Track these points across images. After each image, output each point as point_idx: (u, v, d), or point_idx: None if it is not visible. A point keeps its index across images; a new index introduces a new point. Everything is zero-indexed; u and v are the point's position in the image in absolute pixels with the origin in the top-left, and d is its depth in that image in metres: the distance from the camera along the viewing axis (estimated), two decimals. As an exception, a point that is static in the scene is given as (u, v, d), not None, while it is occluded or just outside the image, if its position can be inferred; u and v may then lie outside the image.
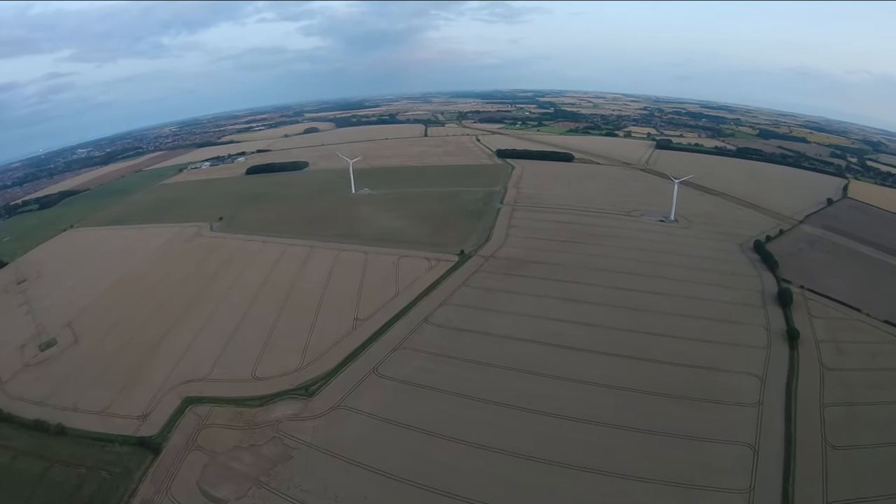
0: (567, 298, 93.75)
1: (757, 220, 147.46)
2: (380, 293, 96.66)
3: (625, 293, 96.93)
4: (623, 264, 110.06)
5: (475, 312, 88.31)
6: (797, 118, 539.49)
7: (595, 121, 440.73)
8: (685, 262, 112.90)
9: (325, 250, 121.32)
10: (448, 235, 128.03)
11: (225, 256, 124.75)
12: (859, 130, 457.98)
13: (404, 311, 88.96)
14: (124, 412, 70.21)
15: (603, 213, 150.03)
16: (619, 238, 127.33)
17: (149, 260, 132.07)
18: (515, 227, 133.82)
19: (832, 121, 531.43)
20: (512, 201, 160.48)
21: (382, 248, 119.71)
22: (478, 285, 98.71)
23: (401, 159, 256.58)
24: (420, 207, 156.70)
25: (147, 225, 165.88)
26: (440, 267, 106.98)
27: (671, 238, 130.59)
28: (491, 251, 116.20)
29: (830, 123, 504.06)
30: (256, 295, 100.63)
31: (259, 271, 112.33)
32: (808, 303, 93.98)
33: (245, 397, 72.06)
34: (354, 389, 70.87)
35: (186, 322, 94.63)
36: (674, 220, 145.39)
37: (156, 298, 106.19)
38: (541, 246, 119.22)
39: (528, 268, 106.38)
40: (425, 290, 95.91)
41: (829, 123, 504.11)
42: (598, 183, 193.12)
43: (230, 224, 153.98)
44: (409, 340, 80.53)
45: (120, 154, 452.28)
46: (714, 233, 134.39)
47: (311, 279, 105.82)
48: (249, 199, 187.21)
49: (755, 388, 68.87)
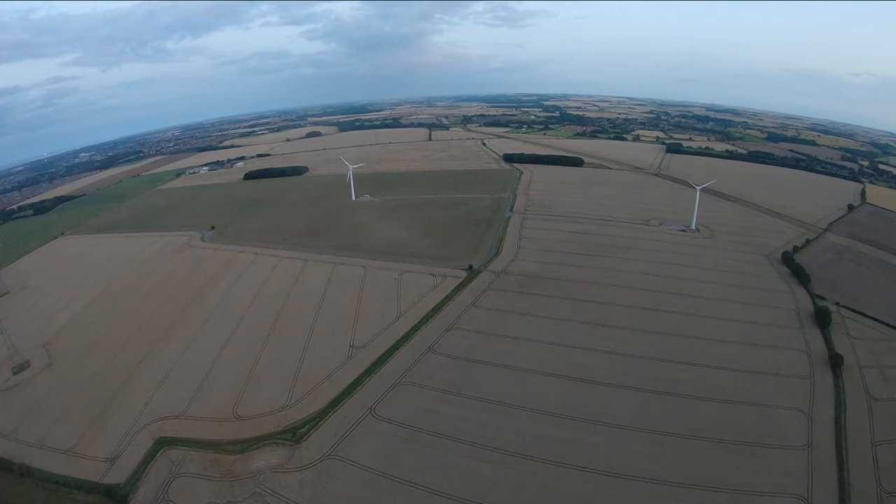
0: (588, 322, 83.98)
1: (780, 228, 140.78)
2: (379, 315, 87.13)
3: (651, 315, 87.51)
4: (647, 280, 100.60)
5: (486, 339, 78.53)
6: (803, 121, 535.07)
7: (602, 124, 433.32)
8: (713, 278, 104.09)
9: (321, 264, 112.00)
10: (455, 248, 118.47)
11: (213, 270, 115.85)
12: (865, 133, 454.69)
13: (406, 336, 79.26)
14: (93, 452, 64.03)
15: (620, 221, 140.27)
16: (639, 250, 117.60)
17: (135, 272, 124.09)
18: (527, 237, 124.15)
19: (837, 123, 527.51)
20: (522, 209, 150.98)
21: (383, 262, 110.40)
22: (489, 306, 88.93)
23: (404, 164, 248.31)
24: (424, 216, 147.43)
25: (138, 233, 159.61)
26: (447, 284, 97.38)
27: (695, 250, 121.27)
28: (502, 266, 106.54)
29: (836, 126, 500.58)
30: (243, 316, 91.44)
31: (248, 287, 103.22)
32: (846, 322, 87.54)
33: (224, 441, 63.13)
34: (348, 434, 61.26)
35: (167, 345, 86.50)
36: (695, 230, 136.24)
37: (137, 317, 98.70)
38: (556, 259, 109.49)
39: (543, 285, 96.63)
40: (430, 312, 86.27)
41: (834, 126, 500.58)
42: (611, 189, 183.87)
43: (222, 233, 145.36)
44: (412, 374, 70.77)
45: (121, 158, 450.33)
46: (739, 243, 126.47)
47: (304, 297, 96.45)
48: (245, 205, 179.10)
49: (802, 427, 61.69)
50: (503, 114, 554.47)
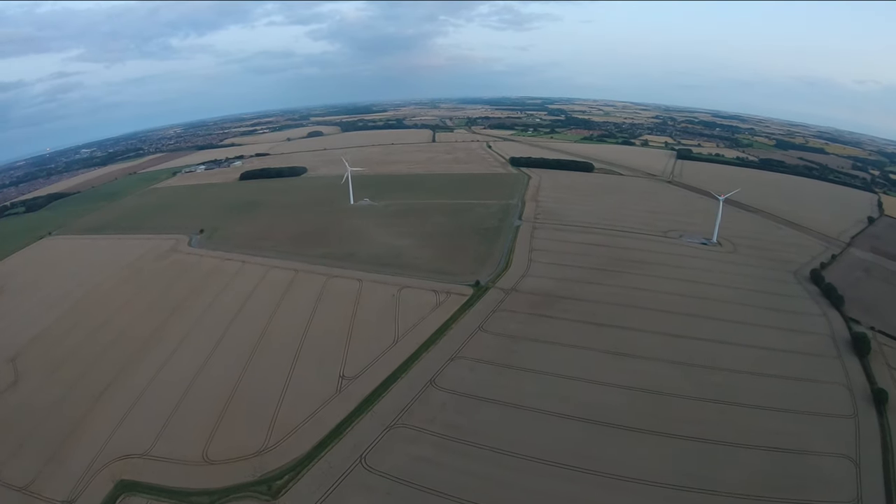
0: (611, 351, 74.63)
1: (802, 241, 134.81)
2: (374, 338, 77.71)
3: (679, 342, 78.67)
4: (671, 302, 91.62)
5: (495, 372, 69.04)
6: (809, 128, 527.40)
7: (609, 129, 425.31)
8: (741, 298, 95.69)
9: (313, 275, 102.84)
10: (459, 260, 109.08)
11: (197, 279, 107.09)
12: (871, 141, 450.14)
13: (405, 366, 69.71)
14: (49, 492, 57.29)
15: (637, 233, 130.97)
16: (661, 266, 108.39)
17: (115, 278, 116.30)
18: (539, 249, 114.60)
19: (843, 131, 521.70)
20: (531, 217, 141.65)
21: (380, 276, 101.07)
22: (498, 330, 79.36)
23: (407, 166, 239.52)
24: (426, 223, 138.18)
25: (125, 235, 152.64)
26: (451, 303, 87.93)
27: (719, 266, 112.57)
28: (512, 282, 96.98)
29: (842, 134, 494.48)
30: (223, 335, 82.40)
31: (232, 301, 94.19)
32: (884, 349, 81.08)
33: (191, 490, 54.59)
34: (333, 489, 52.06)
35: (138, 366, 78.54)
36: (717, 243, 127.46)
37: (112, 330, 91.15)
38: (571, 275, 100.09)
39: (558, 306, 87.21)
40: (432, 337, 76.70)
41: (840, 134, 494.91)
42: (624, 197, 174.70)
43: (210, 238, 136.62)
44: (410, 413, 61.37)
45: (121, 155, 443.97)
46: (763, 259, 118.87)
47: (291, 315, 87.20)
48: (237, 207, 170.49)
49: (850, 478, 55.01)
50: (508, 116, 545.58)
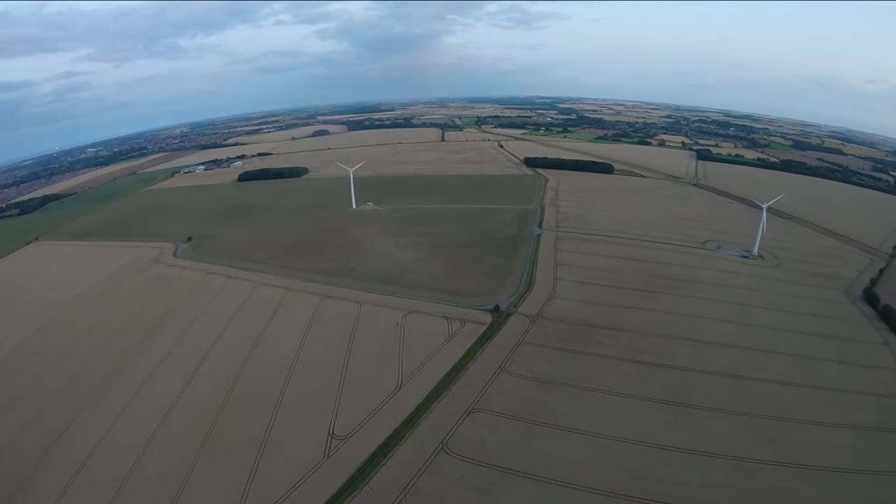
0: (662, 399, 60.29)
1: (845, 253, 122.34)
2: (373, 380, 63.79)
3: (740, 386, 64.69)
4: (723, 331, 77.48)
5: (521, 431, 54.78)
6: (821, 128, 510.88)
7: (622, 128, 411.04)
8: (797, 324, 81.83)
9: (305, 295, 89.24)
10: (475, 277, 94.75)
11: (176, 298, 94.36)
12: (884, 142, 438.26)
13: (410, 422, 55.52)
14: None
15: (670, 244, 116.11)
16: (704, 285, 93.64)
17: (92, 294, 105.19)
18: (565, 265, 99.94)
19: (855, 131, 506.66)
20: (553, 225, 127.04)
21: (382, 297, 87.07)
22: (524, 371, 65.00)
23: (415, 166, 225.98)
24: (436, 232, 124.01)
25: (111, 242, 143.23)
26: (466, 333, 73.63)
27: (766, 285, 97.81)
28: (537, 306, 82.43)
29: (854, 134, 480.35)
30: (195, 372, 69.18)
31: (211, 326, 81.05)
32: None
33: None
34: None
35: (97, 408, 66.38)
36: (758, 256, 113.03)
37: (77, 359, 79.62)
38: (604, 297, 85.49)
39: (594, 337, 72.73)
40: (444, 380, 62.50)
41: (853, 134, 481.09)
42: (651, 201, 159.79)
43: (198, 247, 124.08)
44: (416, 492, 47.18)
45: (125, 155, 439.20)
46: (809, 274, 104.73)
47: (276, 347, 73.57)
48: (231, 212, 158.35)
49: None
50: (518, 115, 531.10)
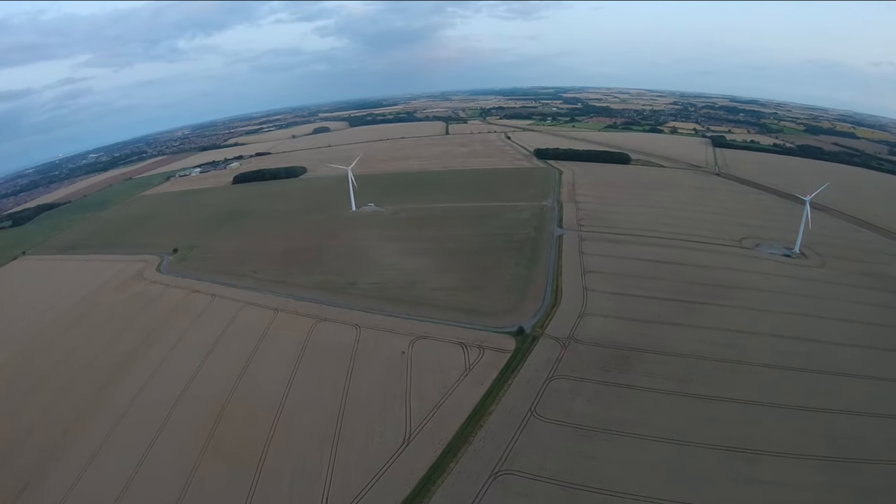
0: (731, 447, 48.13)
1: (889, 248, 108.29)
2: (374, 433, 51.97)
3: (809, 418, 53.42)
4: (784, 350, 65.57)
5: (562, 501, 43.24)
6: (829, 112, 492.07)
7: (630, 116, 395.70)
8: (860, 337, 69.71)
9: (297, 317, 77.68)
10: (492, 289, 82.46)
11: (154, 321, 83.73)
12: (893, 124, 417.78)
13: (421, 490, 43.65)
14: None
15: (706, 242, 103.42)
16: (752, 292, 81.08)
17: (66, 318, 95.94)
18: (593, 271, 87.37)
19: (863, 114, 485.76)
20: (573, 223, 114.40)
21: (386, 318, 75.14)
22: (559, 416, 52.67)
23: (419, 162, 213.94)
24: (445, 235, 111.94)
25: (95, 256, 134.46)
26: (486, 365, 61.37)
27: (817, 289, 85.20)
28: (567, 325, 69.82)
29: (863, 117, 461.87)
30: (168, 418, 58.23)
31: (188, 358, 70.04)
32: None
33: None
34: None
35: (59, 463, 56.48)
36: (800, 254, 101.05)
37: (37, 405, 69.56)
38: (644, 311, 72.88)
39: (638, 365, 60.50)
40: (461, 430, 50.45)
41: (861, 117, 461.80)
42: (676, 194, 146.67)
43: (184, 259, 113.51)
44: None
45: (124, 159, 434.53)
46: (859, 274, 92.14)
47: (259, 387, 62.30)
48: (222, 218, 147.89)
49: None
50: (523, 106, 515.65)
